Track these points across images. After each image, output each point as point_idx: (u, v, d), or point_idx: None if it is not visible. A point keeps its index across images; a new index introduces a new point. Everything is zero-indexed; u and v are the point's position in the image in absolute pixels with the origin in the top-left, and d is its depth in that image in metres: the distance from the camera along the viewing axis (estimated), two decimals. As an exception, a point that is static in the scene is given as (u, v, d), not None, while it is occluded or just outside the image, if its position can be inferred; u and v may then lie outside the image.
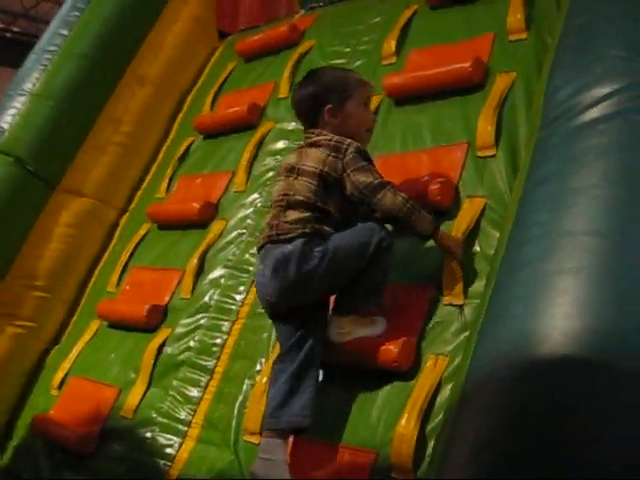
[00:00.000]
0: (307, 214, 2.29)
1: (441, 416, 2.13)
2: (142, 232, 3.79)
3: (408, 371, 2.28)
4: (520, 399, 1.52)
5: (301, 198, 2.31)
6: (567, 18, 2.33)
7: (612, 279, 1.57)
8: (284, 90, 3.70)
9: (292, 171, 2.38)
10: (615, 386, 1.44)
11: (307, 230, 2.27)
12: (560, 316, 1.56)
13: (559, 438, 1.41)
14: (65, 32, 4.03)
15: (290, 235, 2.27)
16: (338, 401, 2.39)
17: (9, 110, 3.83)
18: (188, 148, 4.02)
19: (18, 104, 3.84)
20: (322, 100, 2.43)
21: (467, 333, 2.19)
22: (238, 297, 3.04)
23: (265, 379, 2.59)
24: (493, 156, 2.61)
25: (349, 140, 2.36)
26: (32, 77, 3.92)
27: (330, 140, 2.36)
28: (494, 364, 1.65)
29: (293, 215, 2.30)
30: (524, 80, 2.76)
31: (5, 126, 3.79)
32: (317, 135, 2.42)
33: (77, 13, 4.09)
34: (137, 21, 4.21)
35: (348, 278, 2.31)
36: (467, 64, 2.82)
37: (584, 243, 1.64)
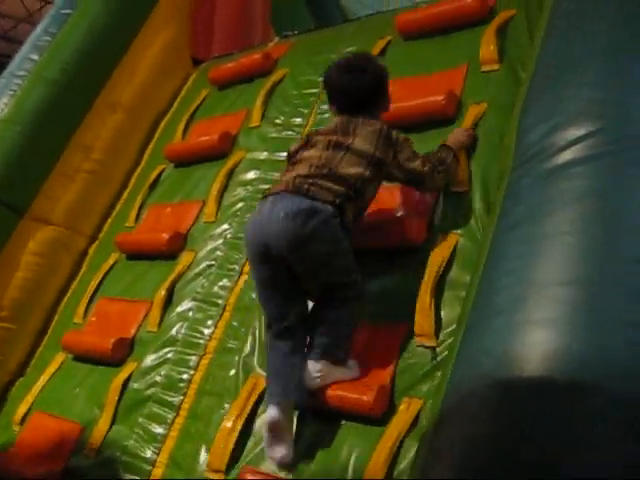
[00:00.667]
0: (343, 189, 2.31)
1: (411, 457, 2.08)
2: (111, 262, 3.70)
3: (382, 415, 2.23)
4: (493, 431, 1.49)
5: (345, 174, 2.34)
6: (540, 54, 2.30)
7: (585, 330, 1.52)
8: (256, 119, 3.66)
9: (341, 146, 2.40)
10: (590, 416, 1.41)
11: (337, 202, 2.28)
12: (530, 368, 1.51)
13: (533, 468, 1.38)
14: (35, 57, 3.97)
15: (321, 198, 2.28)
16: (309, 441, 2.33)
17: (-23, 136, 3.74)
18: (159, 176, 3.95)
19: (-14, 130, 3.76)
20: (383, 93, 2.59)
21: (440, 374, 2.14)
22: (206, 331, 2.96)
23: (231, 423, 2.50)
24: (466, 191, 2.58)
25: (395, 130, 2.48)
26: (0, 102, 3.83)
27: (381, 126, 2.45)
28: (465, 401, 1.62)
29: (330, 185, 2.31)
30: (495, 111, 2.74)
31: (-28, 153, 3.69)
32: (364, 117, 2.48)
33: (48, 38, 4.03)
34: (110, 47, 4.14)
35: (328, 275, 2.33)
36: (440, 97, 2.80)
37: (556, 293, 1.60)
